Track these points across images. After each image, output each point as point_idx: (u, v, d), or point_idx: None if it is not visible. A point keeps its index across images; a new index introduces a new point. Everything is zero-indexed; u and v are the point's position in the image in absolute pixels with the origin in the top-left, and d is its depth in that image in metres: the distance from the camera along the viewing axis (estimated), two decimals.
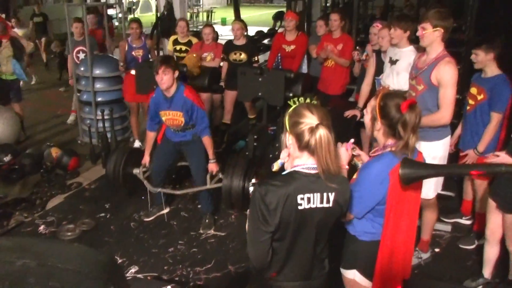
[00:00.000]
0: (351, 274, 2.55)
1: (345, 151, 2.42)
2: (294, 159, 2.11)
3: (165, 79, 4.07)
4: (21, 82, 7.42)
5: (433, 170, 2.46)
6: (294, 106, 2.09)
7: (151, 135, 4.63)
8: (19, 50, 6.92)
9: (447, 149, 3.79)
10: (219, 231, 4.62)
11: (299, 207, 2.02)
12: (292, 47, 6.44)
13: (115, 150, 5.18)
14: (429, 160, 2.71)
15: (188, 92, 4.26)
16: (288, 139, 2.08)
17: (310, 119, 2.00)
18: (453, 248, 4.32)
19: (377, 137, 2.43)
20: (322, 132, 1.97)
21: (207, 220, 4.69)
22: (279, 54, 6.73)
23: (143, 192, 4.96)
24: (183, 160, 4.91)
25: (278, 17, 12.82)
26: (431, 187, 3.72)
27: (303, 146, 2.02)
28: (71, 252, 1.15)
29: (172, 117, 4.32)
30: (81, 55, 6.91)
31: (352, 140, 2.49)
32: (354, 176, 2.49)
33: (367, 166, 2.45)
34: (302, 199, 2.02)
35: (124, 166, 4.83)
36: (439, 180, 3.81)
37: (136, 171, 4.80)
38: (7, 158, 5.65)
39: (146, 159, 4.73)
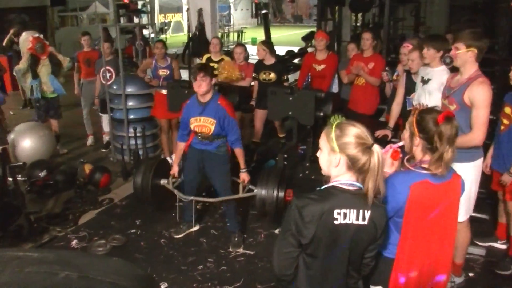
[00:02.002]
0: None
1: (389, 158, 2.44)
2: (335, 176, 2.10)
3: (203, 85, 4.19)
4: None
5: None
6: (336, 123, 2.06)
7: (181, 146, 4.66)
8: (56, 66, 7.15)
9: (480, 172, 3.72)
10: (248, 250, 4.61)
11: (335, 222, 2.02)
12: (323, 66, 6.47)
13: (144, 161, 5.17)
14: None
15: (222, 100, 4.35)
16: (339, 159, 2.04)
17: (362, 139, 2.01)
18: (487, 273, 4.21)
19: (415, 154, 2.44)
20: (378, 152, 2.00)
21: (236, 239, 4.69)
22: (309, 74, 6.76)
23: (173, 210, 5.01)
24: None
25: (309, 37, 12.91)
26: (462, 209, 3.63)
27: (357, 168, 2.02)
28: (110, 266, 1.17)
29: (203, 124, 4.36)
30: (107, 75, 7.03)
31: (395, 146, 2.46)
32: None
33: (392, 175, 2.48)
34: (339, 214, 2.02)
35: (153, 177, 4.82)
36: (471, 201, 3.72)
37: (164, 181, 4.83)
38: (42, 174, 5.80)
39: (175, 169, 4.78)
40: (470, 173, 3.56)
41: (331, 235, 2.05)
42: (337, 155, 2.04)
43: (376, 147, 2.00)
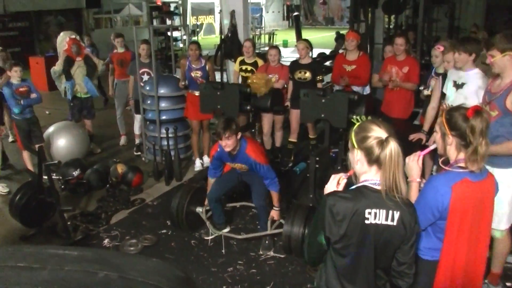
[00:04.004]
0: None
1: (415, 164, 2.44)
2: (361, 174, 2.12)
3: (229, 144, 4.19)
4: None
5: None
6: (358, 123, 2.12)
7: (212, 181, 4.74)
8: (91, 68, 7.27)
9: None
10: (278, 253, 4.58)
11: (366, 222, 2.03)
12: (353, 67, 6.36)
13: (180, 189, 5.20)
14: (503, 188, 2.59)
15: (250, 149, 4.34)
16: (357, 154, 2.09)
17: (378, 133, 2.03)
18: None
19: (449, 154, 2.43)
20: (393, 145, 1.99)
21: (266, 242, 4.66)
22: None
23: None
24: (244, 200, 5.16)
25: (342, 37, 12.79)
26: (503, 217, 3.52)
27: (373, 160, 2.04)
28: (150, 267, 1.16)
29: (238, 167, 4.55)
30: (145, 77, 7.02)
31: (421, 153, 2.47)
32: None
33: (431, 179, 2.50)
34: (370, 213, 2.03)
35: (188, 204, 4.83)
36: None
37: (199, 209, 4.83)
38: (76, 173, 5.90)
39: None
40: None
41: (360, 234, 2.05)
42: (355, 151, 2.09)
43: (391, 141, 1.99)
